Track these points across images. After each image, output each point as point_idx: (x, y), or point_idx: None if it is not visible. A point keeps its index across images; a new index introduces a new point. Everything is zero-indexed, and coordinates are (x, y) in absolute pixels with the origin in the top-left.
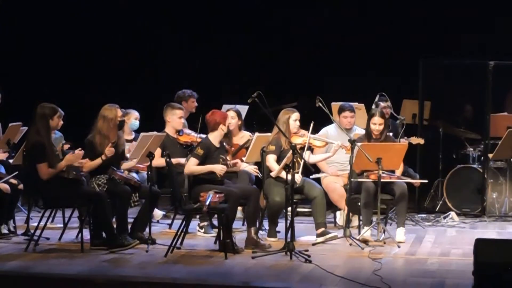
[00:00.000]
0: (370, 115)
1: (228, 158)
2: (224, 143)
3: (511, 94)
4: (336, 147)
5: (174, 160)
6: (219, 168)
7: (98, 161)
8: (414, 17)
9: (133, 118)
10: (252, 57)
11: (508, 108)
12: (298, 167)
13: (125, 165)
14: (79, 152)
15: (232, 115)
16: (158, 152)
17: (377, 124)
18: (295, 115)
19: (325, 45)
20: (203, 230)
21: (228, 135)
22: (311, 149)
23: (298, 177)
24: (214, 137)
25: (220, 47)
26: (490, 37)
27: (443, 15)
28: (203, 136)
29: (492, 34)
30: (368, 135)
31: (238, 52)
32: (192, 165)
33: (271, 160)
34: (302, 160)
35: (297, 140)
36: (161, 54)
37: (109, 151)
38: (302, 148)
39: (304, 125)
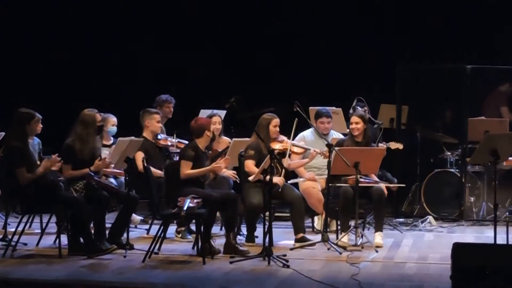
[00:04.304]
0: (350, 118)
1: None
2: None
3: (489, 98)
4: (314, 153)
5: (154, 171)
6: (215, 167)
7: (84, 171)
8: (392, 22)
9: (110, 125)
10: (230, 62)
11: (486, 113)
12: (276, 172)
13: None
14: (55, 157)
15: (218, 120)
16: (141, 156)
17: (353, 123)
18: (275, 121)
19: (303, 49)
20: (180, 235)
21: (213, 140)
22: (288, 154)
23: (281, 179)
24: (200, 143)
25: (198, 52)
26: (467, 41)
27: (420, 20)
28: (182, 140)
29: (468, 38)
30: (352, 137)
31: (216, 57)
32: (186, 169)
33: (249, 165)
34: (282, 167)
35: (276, 146)
36: (140, 59)
37: (97, 165)
38: (281, 153)
39: (282, 130)
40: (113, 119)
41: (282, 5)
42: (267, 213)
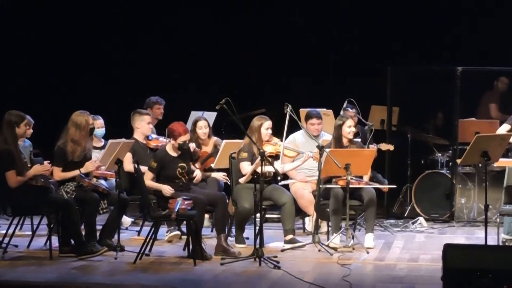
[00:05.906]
0: (342, 122)
1: (197, 165)
2: (195, 147)
3: (484, 98)
4: (306, 157)
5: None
6: (165, 190)
7: (75, 172)
8: (383, 24)
9: (96, 128)
10: (220, 63)
11: (480, 113)
12: (268, 175)
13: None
14: (47, 164)
15: (204, 124)
16: (129, 157)
17: (352, 126)
18: (267, 123)
19: (294, 51)
20: (169, 233)
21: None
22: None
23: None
24: (171, 147)
25: (188, 53)
26: (457, 42)
27: (411, 21)
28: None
29: (459, 40)
30: (338, 141)
31: (207, 58)
32: (147, 178)
33: (246, 167)
34: (272, 170)
35: (268, 148)
36: (129, 60)
37: (87, 167)
38: (272, 156)
39: (273, 132)
40: (99, 121)
41: (273, 3)
42: (258, 215)
